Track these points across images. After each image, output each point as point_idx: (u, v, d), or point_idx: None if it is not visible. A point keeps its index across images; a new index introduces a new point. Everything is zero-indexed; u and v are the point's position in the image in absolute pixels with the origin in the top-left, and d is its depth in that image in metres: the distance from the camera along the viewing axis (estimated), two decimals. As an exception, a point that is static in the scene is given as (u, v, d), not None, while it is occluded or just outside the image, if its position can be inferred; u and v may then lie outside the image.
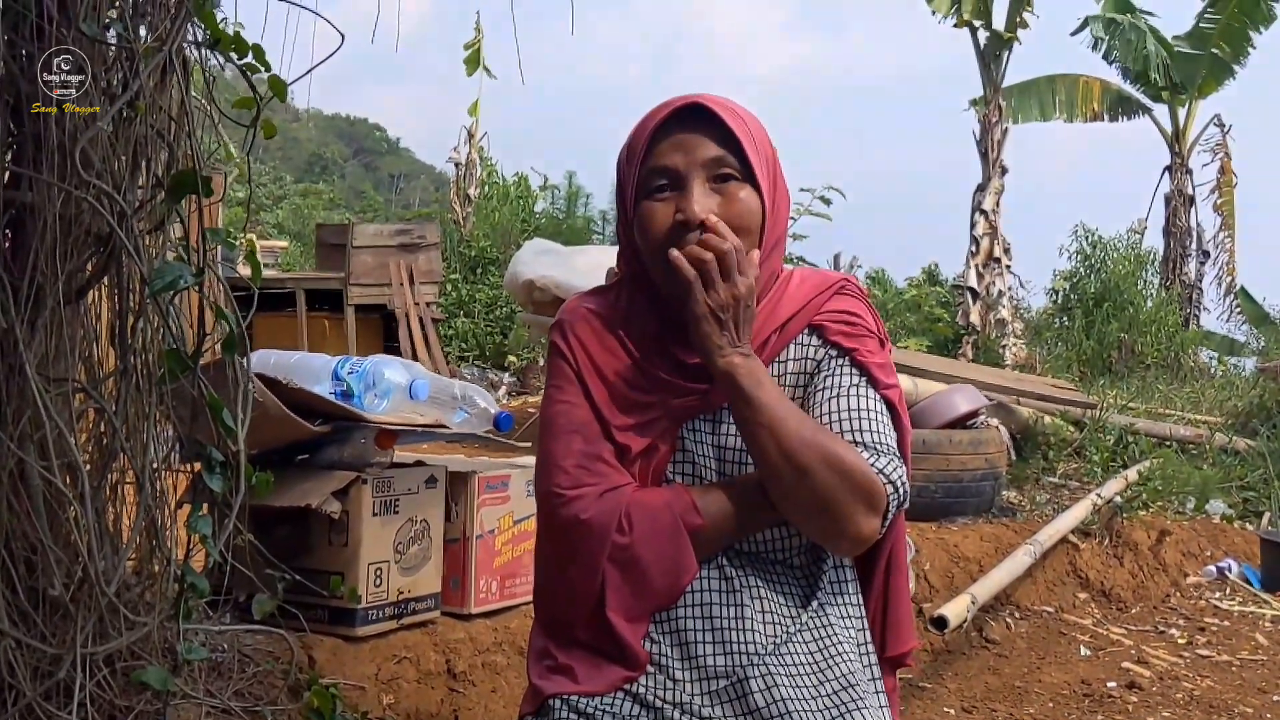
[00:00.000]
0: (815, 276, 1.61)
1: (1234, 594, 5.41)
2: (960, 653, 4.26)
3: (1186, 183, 16.37)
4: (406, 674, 2.58)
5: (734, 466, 1.52)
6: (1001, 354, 11.54)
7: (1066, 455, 6.57)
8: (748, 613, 1.47)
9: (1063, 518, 4.93)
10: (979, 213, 12.32)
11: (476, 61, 10.83)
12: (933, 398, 5.23)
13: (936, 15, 12.08)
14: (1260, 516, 6.42)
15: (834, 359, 1.54)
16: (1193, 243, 16.36)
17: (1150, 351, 12.71)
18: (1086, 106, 15.96)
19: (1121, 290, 13.30)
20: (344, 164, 53.77)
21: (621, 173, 1.52)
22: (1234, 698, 4.05)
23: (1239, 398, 9.28)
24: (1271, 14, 15.20)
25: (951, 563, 4.52)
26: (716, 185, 1.47)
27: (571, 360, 1.54)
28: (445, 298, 8.11)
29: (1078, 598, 4.99)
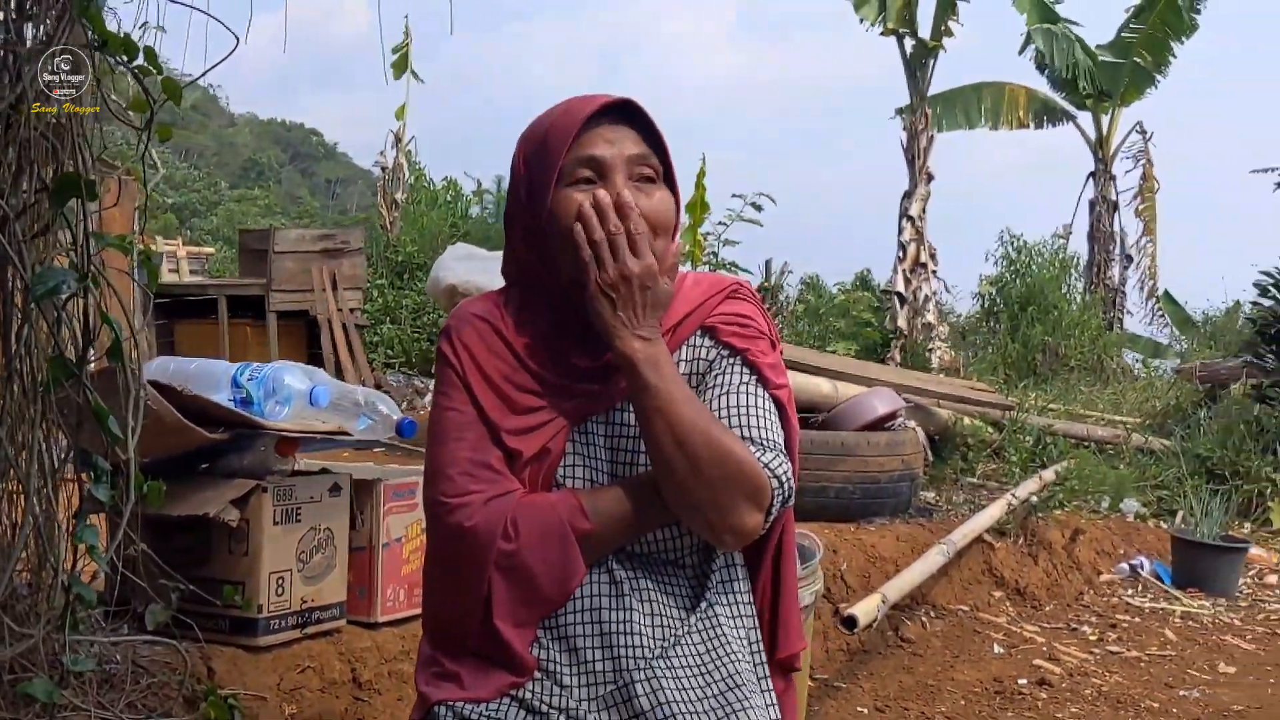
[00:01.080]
0: (708, 279, 1.62)
1: (1146, 591, 5.54)
2: (876, 652, 4.31)
3: (1110, 189, 16.67)
4: (310, 683, 2.56)
5: (626, 468, 1.52)
6: (928, 358, 11.66)
7: (986, 456, 6.68)
8: (635, 616, 1.47)
9: (978, 517, 5.01)
10: (906, 219, 12.44)
11: (404, 65, 10.76)
12: (851, 400, 5.28)
13: (865, 24, 12.20)
14: (1173, 515, 6.58)
15: (726, 358, 1.55)
16: (1116, 248, 16.66)
17: (1074, 354, 12.91)
18: (1012, 114, 16.19)
19: (1046, 294, 13.50)
20: (280, 169, 53.08)
21: (531, 164, 1.51)
22: (1141, 693, 4.15)
23: (1157, 399, 9.49)
24: (1193, 24, 15.55)
25: (868, 563, 4.57)
26: (637, 183, 1.48)
27: (458, 367, 1.53)
28: (370, 304, 8.04)
29: (993, 596, 5.07)
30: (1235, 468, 6.96)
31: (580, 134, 1.48)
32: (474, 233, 10.39)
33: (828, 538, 4.55)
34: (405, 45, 11.02)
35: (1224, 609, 5.33)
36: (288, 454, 2.52)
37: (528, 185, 1.52)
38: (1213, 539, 5.65)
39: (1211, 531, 5.68)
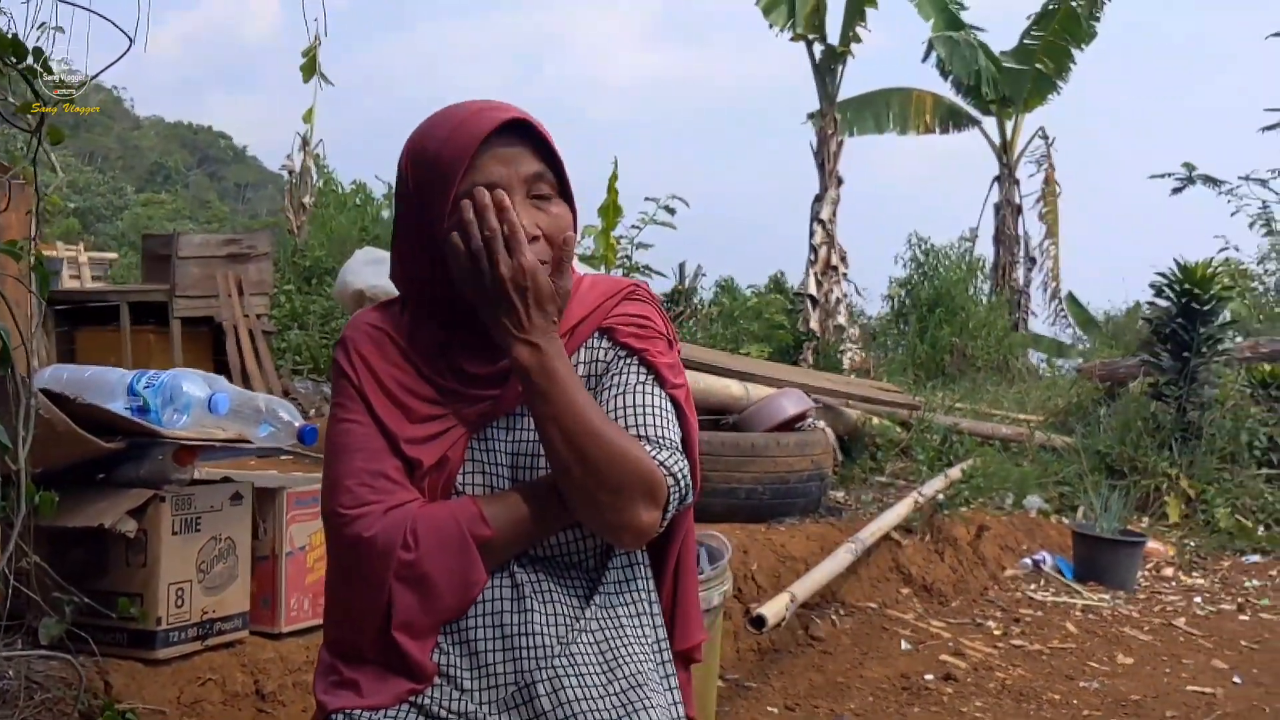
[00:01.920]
0: (605, 281, 1.63)
1: (1048, 585, 5.68)
2: (787, 651, 4.36)
3: (1014, 192, 17.07)
4: (211, 696, 2.52)
5: (527, 472, 1.52)
6: (840, 359, 11.83)
7: (894, 455, 6.79)
8: (536, 618, 1.47)
9: (885, 516, 5.09)
10: (817, 222, 12.61)
11: (313, 68, 10.62)
12: (761, 402, 5.34)
13: (774, 28, 12.34)
14: (1075, 510, 6.76)
15: (623, 359, 1.56)
16: (1020, 250, 17.06)
17: (980, 354, 13.20)
18: (919, 119, 16.50)
19: (953, 296, 13.78)
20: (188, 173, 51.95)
21: (424, 188, 1.49)
22: (1043, 685, 4.25)
23: (1060, 397, 9.73)
24: (1092, 32, 15.98)
25: (778, 562, 4.61)
26: (535, 201, 1.48)
27: (354, 377, 1.52)
28: (278, 309, 7.92)
29: (901, 593, 5.15)
30: (1133, 463, 7.18)
31: (475, 155, 1.45)
32: (383, 236, 10.28)
33: (739, 538, 4.59)
34: (314, 48, 10.88)
35: (1123, 601, 5.49)
36: (186, 462, 2.47)
37: (421, 200, 1.50)
38: (1111, 533, 5.81)
39: (1110, 526, 5.84)
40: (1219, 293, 7.49)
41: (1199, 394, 7.36)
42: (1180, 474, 7.07)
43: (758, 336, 11.86)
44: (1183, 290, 7.41)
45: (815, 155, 12.82)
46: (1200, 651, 4.82)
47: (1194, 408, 7.33)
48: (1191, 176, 17.61)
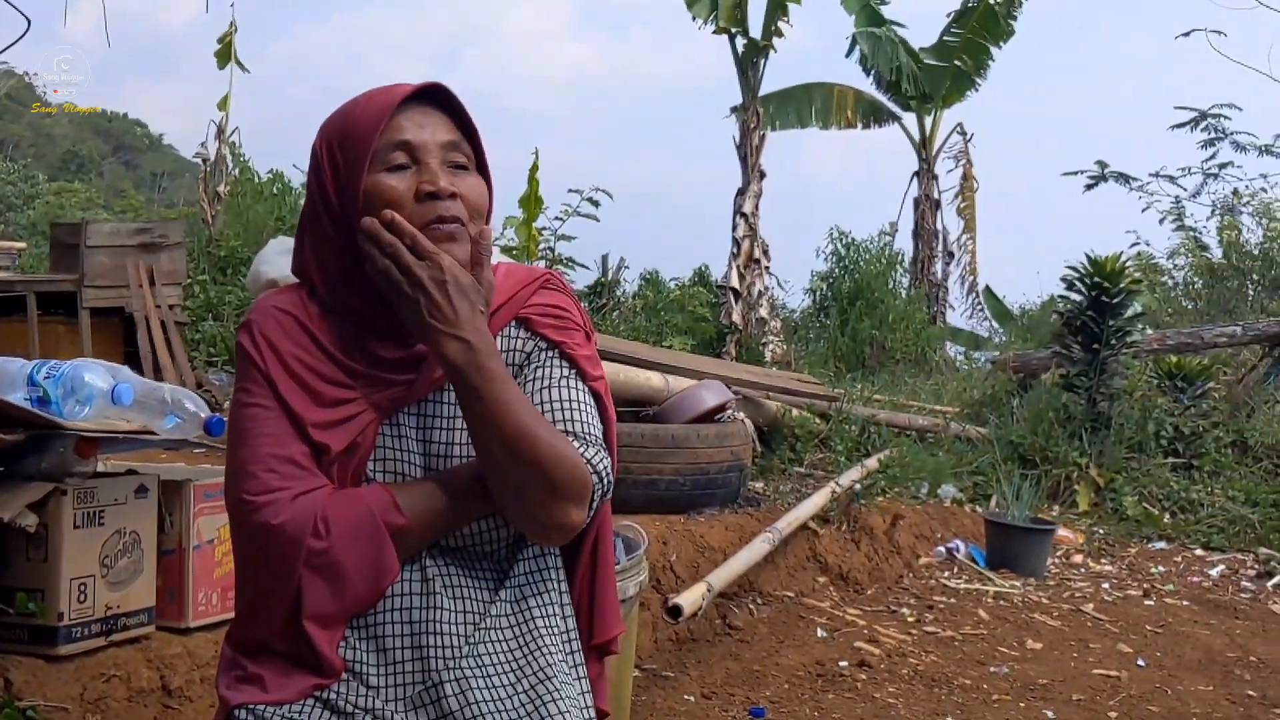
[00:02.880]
0: (520, 270, 1.62)
1: (961, 573, 5.78)
2: (704, 641, 4.39)
3: (933, 188, 17.30)
4: (116, 693, 2.47)
5: (440, 460, 1.51)
6: (762, 351, 11.92)
7: (813, 446, 6.86)
8: (443, 615, 1.46)
9: (803, 506, 5.14)
10: (740, 216, 12.68)
11: (228, 55, 10.42)
12: (681, 394, 5.36)
13: (697, 21, 12.37)
14: (988, 499, 6.89)
15: (544, 351, 1.56)
16: (939, 244, 17.30)
17: (899, 347, 13.37)
18: (841, 115, 16.66)
19: (873, 290, 13.92)
20: (102, 161, 50.59)
21: (338, 153, 1.47)
22: (954, 671, 4.33)
23: (975, 389, 9.89)
24: (1010, 30, 16.23)
25: (697, 553, 4.64)
26: (451, 170, 1.47)
27: (259, 361, 1.49)
28: (192, 300, 7.76)
29: (817, 582, 5.22)
30: (1045, 453, 7.34)
31: (390, 119, 1.46)
32: (303, 226, 10.09)
33: (658, 529, 4.62)
34: (230, 34, 10.69)
35: (1033, 588, 5.61)
36: (89, 455, 2.42)
37: (335, 174, 1.48)
38: (1022, 521, 5.93)
39: (1021, 514, 5.97)
40: (1128, 286, 7.68)
41: (1108, 385, 7.54)
42: (1090, 463, 7.24)
43: (681, 329, 11.91)
44: (1093, 284, 7.58)
45: (738, 149, 12.89)
46: (1107, 636, 4.95)
47: (1103, 398, 7.51)
48: (1104, 174, 18.03)
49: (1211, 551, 6.57)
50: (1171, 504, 7.13)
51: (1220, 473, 7.46)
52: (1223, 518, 6.87)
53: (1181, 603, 5.57)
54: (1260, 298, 15.13)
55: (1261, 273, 15.60)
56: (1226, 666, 4.62)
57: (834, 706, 3.85)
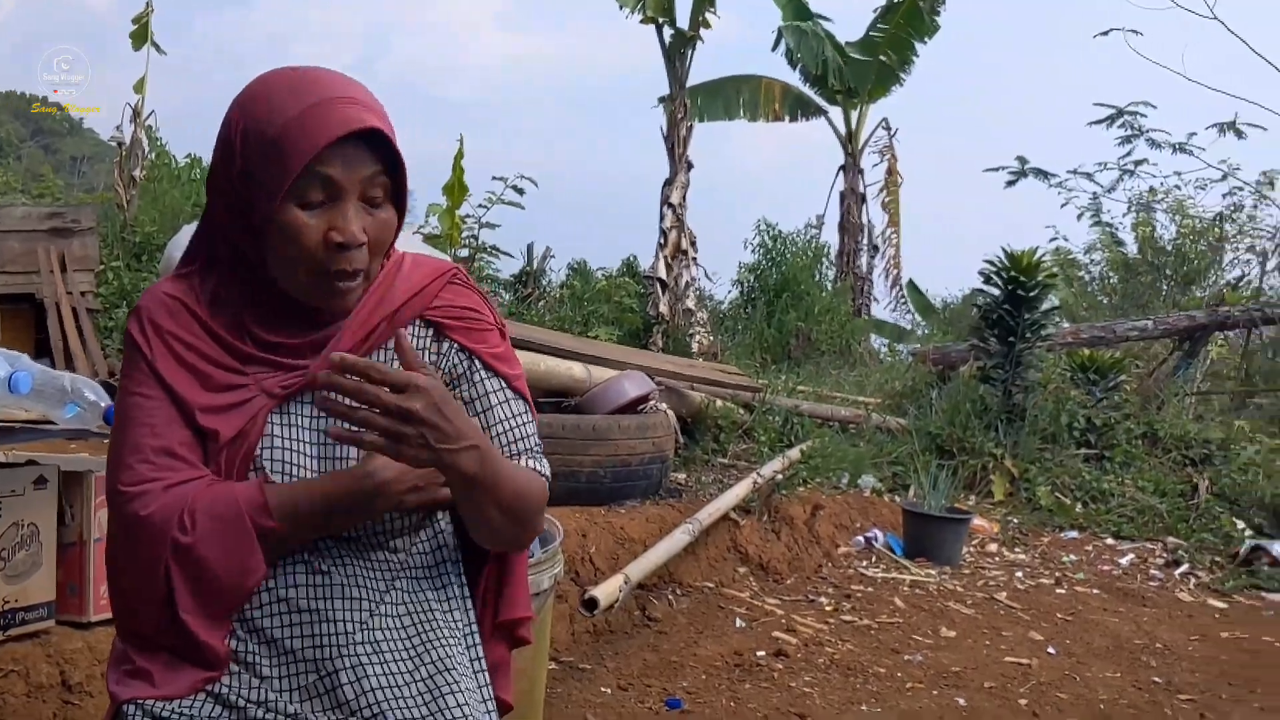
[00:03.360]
0: (427, 263, 1.60)
1: (879, 562, 5.85)
2: (623, 632, 4.40)
3: (858, 181, 17.47)
4: (14, 688, 2.41)
5: (333, 451, 1.48)
6: (689, 343, 11.96)
7: (737, 437, 6.90)
8: (337, 604, 1.44)
9: (724, 497, 5.17)
10: (667, 206, 12.68)
11: (144, 36, 10.15)
12: (603, 384, 5.36)
13: (624, 10, 12.34)
14: (907, 489, 6.98)
15: (465, 364, 1.56)
16: (864, 238, 17.49)
17: (824, 339, 13.50)
18: (769, 107, 16.73)
19: (799, 282, 14.04)
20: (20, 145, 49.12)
21: (258, 164, 1.41)
22: (870, 659, 4.38)
23: (897, 381, 10.02)
24: (934, 26, 16.41)
25: (617, 545, 4.64)
26: (365, 204, 1.43)
27: (145, 349, 1.46)
28: (105, 286, 7.58)
29: (737, 572, 5.25)
30: (962, 444, 7.46)
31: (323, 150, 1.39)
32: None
33: (578, 521, 4.61)
34: (146, 15, 10.42)
35: (948, 577, 5.70)
36: (-16, 446, 2.35)
37: (246, 172, 1.42)
38: (939, 511, 6.03)
39: (938, 504, 6.06)
40: (1043, 280, 7.82)
41: (1023, 377, 7.68)
42: (1005, 454, 7.37)
43: (607, 319, 11.90)
44: (1009, 278, 7.71)
45: (665, 139, 12.89)
46: (1019, 624, 5.04)
47: (1018, 391, 7.65)
48: (1024, 169, 18.29)
49: (1121, 540, 6.72)
50: (1083, 494, 7.28)
51: (1131, 464, 7.64)
52: (1132, 508, 7.04)
53: (1092, 591, 5.69)
54: (1173, 293, 15.50)
55: (1174, 268, 15.97)
56: (1133, 653, 4.74)
57: (750, 696, 3.88)
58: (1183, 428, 8.04)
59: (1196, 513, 6.92)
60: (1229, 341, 10.98)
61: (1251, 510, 6.86)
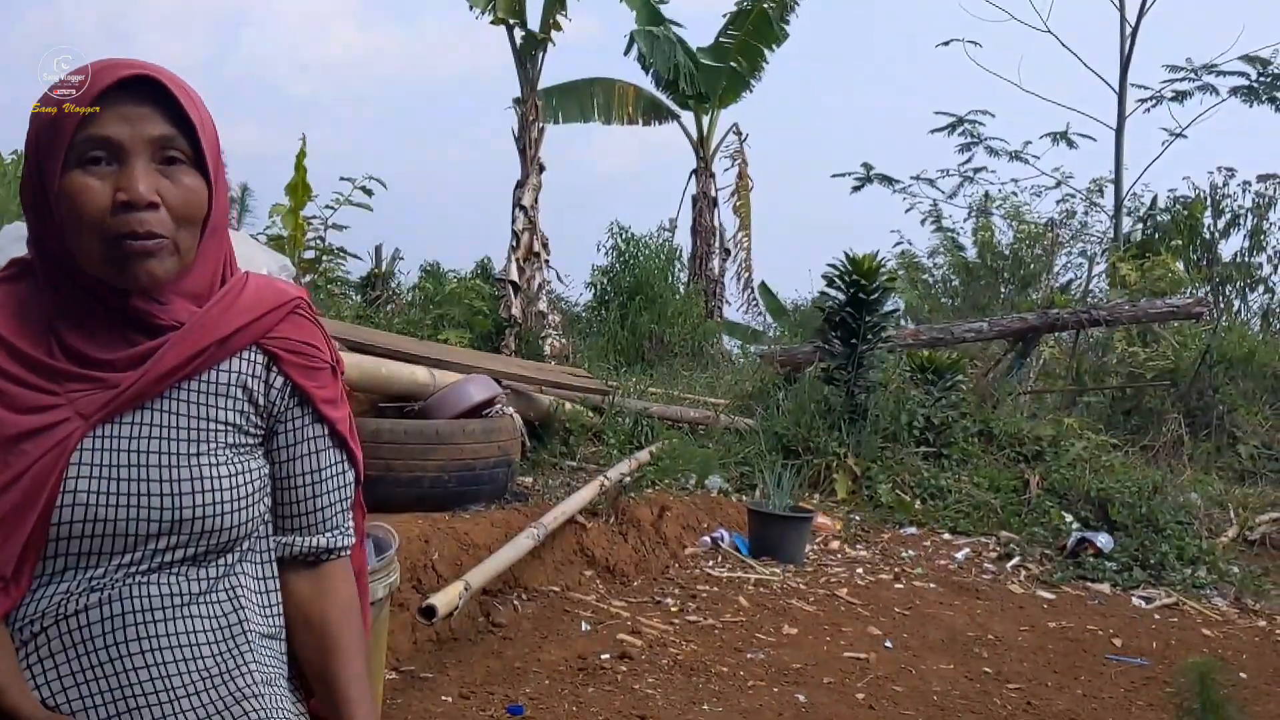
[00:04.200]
0: (270, 290, 1.53)
1: (725, 561, 5.92)
2: (466, 639, 4.35)
3: (710, 185, 17.69)
4: None
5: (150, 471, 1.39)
6: (542, 345, 11.94)
7: (586, 440, 6.90)
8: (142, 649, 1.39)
9: (570, 500, 5.16)
10: (519, 208, 12.66)
11: (-36, 25, 9.70)
12: (447, 389, 5.29)
13: (474, 10, 12.26)
14: (754, 489, 7.08)
15: (294, 408, 1.52)
16: (716, 241, 17.72)
17: (678, 341, 13.63)
18: (623, 110, 16.81)
19: (653, 284, 14.15)
20: None
21: (40, 138, 1.35)
22: (713, 659, 4.43)
23: (747, 382, 10.17)
24: (783, 34, 16.74)
25: (461, 550, 4.59)
26: (161, 166, 1.35)
27: None
28: (-82, 289, 7.17)
29: (584, 575, 5.24)
30: (807, 444, 7.60)
31: (99, 109, 1.33)
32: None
33: (420, 528, 4.55)
34: (-33, 2, 9.92)
35: (792, 574, 5.80)
36: None
37: (37, 160, 1.36)
38: (783, 510, 6.13)
39: (782, 503, 6.16)
40: (884, 284, 8.04)
41: (865, 378, 7.88)
42: (848, 453, 7.54)
43: (459, 322, 11.79)
44: (851, 281, 7.90)
45: (517, 141, 12.86)
46: (859, 619, 5.16)
47: (861, 391, 7.84)
48: (870, 176, 18.85)
49: (958, 535, 6.95)
50: (922, 491, 7.50)
51: (967, 461, 7.90)
52: (968, 504, 7.28)
53: (929, 585, 5.86)
54: (1011, 295, 16.12)
55: (1012, 271, 16.62)
56: (967, 645, 4.89)
57: (593, 700, 3.87)
58: (1016, 426, 8.35)
59: (1028, 507, 7.19)
60: (1060, 342, 11.45)
61: (1079, 504, 7.16)
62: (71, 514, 1.37)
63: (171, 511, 1.40)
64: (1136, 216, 16.89)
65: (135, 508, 1.39)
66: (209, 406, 1.44)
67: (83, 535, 1.38)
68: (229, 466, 1.44)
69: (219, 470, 1.43)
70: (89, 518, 1.37)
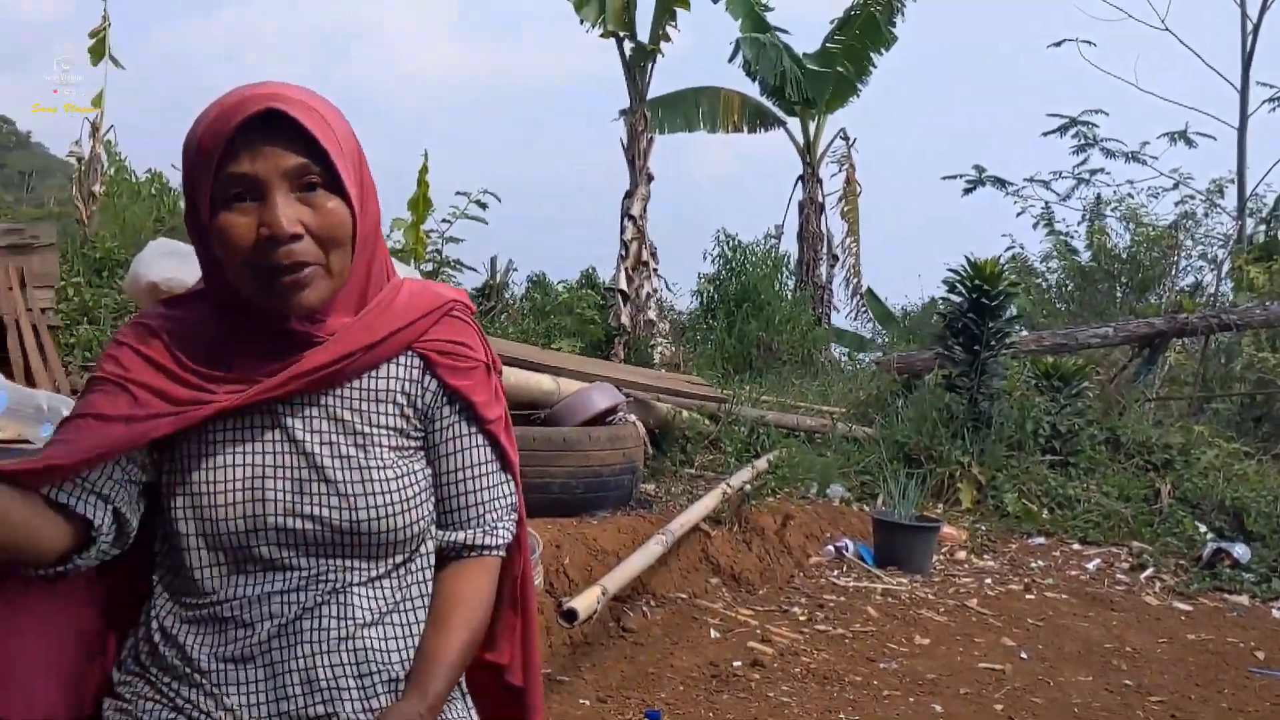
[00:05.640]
0: (427, 294, 1.56)
1: (850, 571, 5.86)
2: (599, 644, 4.37)
3: (817, 191, 17.57)
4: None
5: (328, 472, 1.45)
6: (651, 354, 11.97)
7: (703, 448, 6.90)
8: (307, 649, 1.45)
9: (694, 507, 5.16)
10: (628, 218, 12.71)
11: (102, 51, 10.04)
12: (572, 396, 5.34)
13: (585, 24, 12.36)
14: (875, 498, 7.00)
15: (444, 404, 1.54)
16: (824, 247, 17.58)
17: (786, 349, 13.54)
18: (728, 118, 16.79)
19: (760, 292, 14.08)
20: (-34, 161, 48.29)
21: (187, 178, 1.41)
22: (846, 668, 4.38)
23: (861, 390, 10.07)
24: (891, 37, 16.56)
25: (590, 556, 4.62)
26: (302, 194, 1.38)
27: (114, 365, 1.45)
28: (66, 303, 7.47)
29: (710, 583, 5.24)
30: (929, 452, 7.49)
31: (233, 146, 1.36)
32: (180, 228, 9.83)
33: (551, 533, 4.59)
34: (103, 29, 10.30)
35: (919, 584, 5.72)
36: (-45, 465, 2.30)
37: (190, 197, 1.42)
38: (908, 520, 6.05)
39: (907, 512, 6.08)
40: (1006, 289, 7.89)
41: (988, 385, 7.73)
42: (972, 461, 7.41)
43: (569, 331, 11.89)
44: (973, 286, 7.77)
45: (625, 152, 12.92)
46: (991, 630, 5.07)
47: (984, 398, 7.70)
48: (981, 178, 18.53)
49: (1088, 545, 6.78)
50: (1049, 500, 7.33)
51: (1095, 469, 7.71)
52: (1098, 513, 7.10)
53: (1060, 596, 5.73)
54: (1129, 299, 15.70)
55: (1129, 275, 16.18)
56: (1104, 657, 4.77)
57: (728, 706, 3.86)
58: (1144, 433, 8.13)
59: (1160, 517, 6.99)
60: (1186, 347, 11.12)
61: (1212, 513, 6.95)
62: (268, 521, 1.44)
63: (349, 513, 1.44)
64: (1260, 217, 16.33)
65: (319, 508, 1.44)
66: (371, 412, 1.49)
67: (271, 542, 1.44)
68: (394, 469, 1.48)
69: (385, 473, 1.47)
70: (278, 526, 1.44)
